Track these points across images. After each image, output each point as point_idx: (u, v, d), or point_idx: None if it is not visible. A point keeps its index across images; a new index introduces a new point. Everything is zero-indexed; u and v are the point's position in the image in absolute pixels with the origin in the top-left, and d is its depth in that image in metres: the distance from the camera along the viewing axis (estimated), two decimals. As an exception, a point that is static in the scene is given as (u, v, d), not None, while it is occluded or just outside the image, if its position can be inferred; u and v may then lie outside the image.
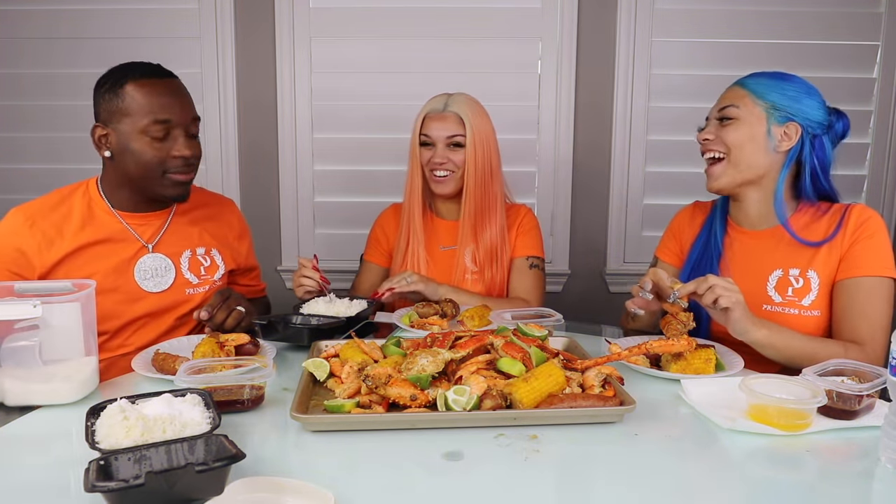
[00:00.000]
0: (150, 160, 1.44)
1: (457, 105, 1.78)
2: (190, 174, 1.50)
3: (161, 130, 1.43)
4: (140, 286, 1.51)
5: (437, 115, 1.78)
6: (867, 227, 1.41)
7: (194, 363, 1.15)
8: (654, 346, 1.23)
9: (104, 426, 0.91)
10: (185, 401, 0.98)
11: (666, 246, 1.70)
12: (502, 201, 1.85)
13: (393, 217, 1.95)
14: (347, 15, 2.41)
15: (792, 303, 1.44)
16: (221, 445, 0.86)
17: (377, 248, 1.95)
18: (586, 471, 0.94)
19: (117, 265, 1.49)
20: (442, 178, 1.80)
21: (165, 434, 0.90)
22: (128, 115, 1.42)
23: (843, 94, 2.39)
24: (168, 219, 1.58)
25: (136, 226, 1.53)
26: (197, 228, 1.62)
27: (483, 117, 1.80)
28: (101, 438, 0.89)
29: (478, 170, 1.78)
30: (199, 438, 0.88)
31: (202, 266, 1.60)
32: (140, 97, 1.42)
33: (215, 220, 1.68)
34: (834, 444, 1.00)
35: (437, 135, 1.77)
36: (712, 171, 1.50)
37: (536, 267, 1.85)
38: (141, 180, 1.47)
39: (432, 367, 1.09)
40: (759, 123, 1.44)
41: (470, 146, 1.76)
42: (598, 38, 2.42)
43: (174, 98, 1.45)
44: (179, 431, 0.91)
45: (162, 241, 1.55)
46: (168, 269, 1.54)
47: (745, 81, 1.48)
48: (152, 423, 0.91)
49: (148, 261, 1.52)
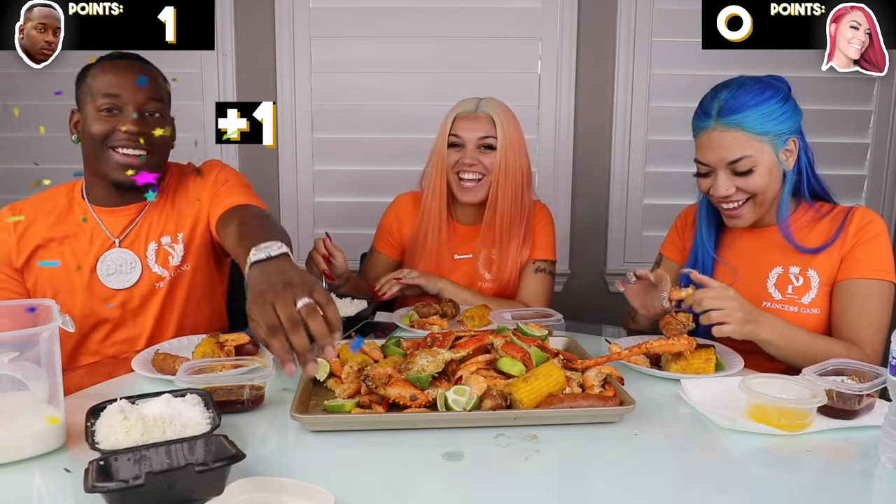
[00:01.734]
0: (95, 133, 1.42)
1: (489, 107, 1.74)
2: (133, 154, 1.42)
3: (108, 103, 1.42)
4: (103, 283, 1.48)
5: (470, 116, 1.73)
6: (869, 229, 1.41)
7: (194, 363, 1.15)
8: (654, 346, 1.23)
9: (104, 426, 0.91)
10: (185, 401, 0.98)
11: (672, 242, 1.70)
12: (531, 212, 1.79)
13: (410, 207, 1.88)
14: (347, 15, 2.41)
15: (792, 300, 1.44)
16: (221, 446, 0.86)
17: (388, 238, 1.89)
18: (586, 471, 0.94)
19: (82, 260, 1.49)
20: (470, 182, 1.73)
21: (165, 434, 0.90)
22: (88, 96, 1.44)
23: (843, 95, 2.40)
24: (141, 213, 1.53)
25: (106, 220, 1.51)
26: (164, 215, 1.53)
27: (514, 122, 1.76)
28: (101, 439, 0.89)
29: (508, 175, 1.72)
30: (198, 439, 0.87)
31: (170, 256, 1.52)
32: (97, 76, 1.43)
33: (181, 194, 1.55)
34: (834, 444, 1.00)
35: (469, 136, 1.72)
36: (739, 213, 1.45)
37: (543, 271, 1.80)
38: (92, 161, 1.46)
39: (432, 367, 1.09)
40: (770, 156, 1.40)
41: (501, 149, 1.71)
42: (598, 39, 2.42)
43: (127, 75, 1.43)
44: (179, 432, 0.91)
45: (129, 236, 1.51)
46: (134, 265, 1.49)
47: (739, 121, 1.38)
48: (152, 423, 0.91)
49: (113, 255, 1.49)
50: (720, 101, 1.40)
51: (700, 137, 1.45)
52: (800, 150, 1.44)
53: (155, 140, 1.45)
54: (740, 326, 1.24)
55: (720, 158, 1.40)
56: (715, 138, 1.40)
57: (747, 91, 1.40)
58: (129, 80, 1.43)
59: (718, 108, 1.40)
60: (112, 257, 1.49)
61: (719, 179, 1.42)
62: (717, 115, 1.40)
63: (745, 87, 1.41)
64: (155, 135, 1.44)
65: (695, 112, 1.47)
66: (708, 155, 1.42)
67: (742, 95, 1.39)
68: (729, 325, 1.24)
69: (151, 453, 0.85)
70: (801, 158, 1.44)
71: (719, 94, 1.42)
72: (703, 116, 1.43)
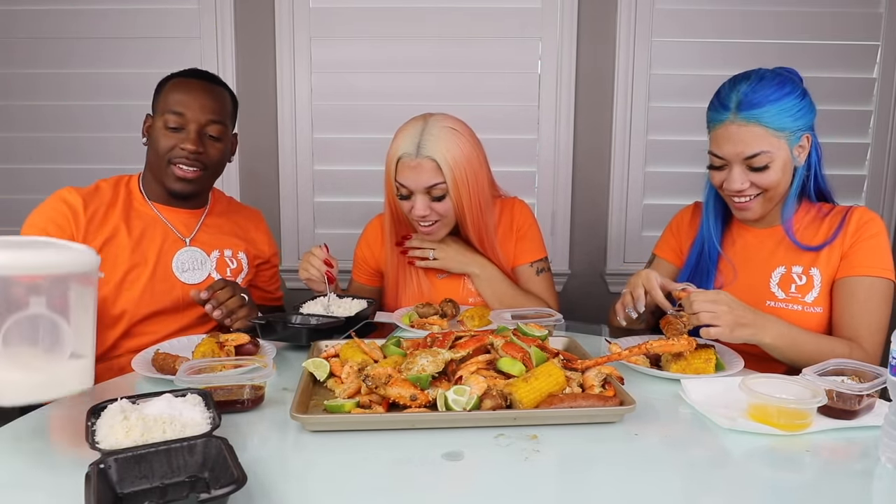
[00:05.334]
0: (161, 147, 1.55)
1: (430, 146, 1.55)
2: (190, 171, 1.56)
3: (175, 121, 1.54)
4: (177, 276, 1.58)
5: (412, 163, 1.56)
6: (868, 228, 1.42)
7: (194, 363, 1.15)
8: (654, 346, 1.23)
9: (104, 426, 0.91)
10: (186, 401, 0.99)
11: (666, 243, 1.69)
12: (494, 223, 1.71)
13: (380, 233, 1.80)
14: (347, 15, 2.41)
15: (795, 299, 1.44)
16: (220, 452, 0.86)
17: (364, 268, 1.85)
18: (586, 471, 0.94)
19: (157, 254, 1.57)
20: (429, 228, 1.65)
21: (165, 434, 0.90)
22: (161, 107, 1.57)
23: (843, 94, 2.40)
24: (201, 218, 1.67)
25: (172, 219, 1.62)
26: (227, 231, 1.71)
27: (462, 151, 1.57)
28: (101, 438, 0.89)
29: (468, 212, 1.61)
30: (198, 440, 0.88)
31: (228, 268, 1.67)
32: (171, 91, 1.57)
33: (243, 223, 1.77)
34: (834, 444, 1.00)
35: (415, 185, 1.58)
36: (749, 206, 1.44)
37: (543, 270, 1.79)
38: (155, 167, 1.58)
39: (432, 367, 1.09)
40: (785, 152, 1.39)
41: (454, 194, 1.58)
42: (598, 39, 2.42)
43: (195, 96, 1.56)
44: (180, 431, 0.91)
45: (197, 237, 1.64)
46: (203, 263, 1.63)
47: (758, 116, 1.35)
48: (152, 423, 0.91)
49: (186, 253, 1.61)
50: (739, 94, 1.37)
51: (716, 130, 1.41)
52: (811, 147, 1.44)
53: (210, 159, 1.59)
54: (730, 330, 1.24)
55: (737, 153, 1.38)
56: (732, 132, 1.38)
57: (767, 85, 1.37)
58: (197, 99, 1.56)
59: (737, 102, 1.37)
60: (185, 254, 1.61)
61: (734, 174, 1.40)
62: (735, 109, 1.37)
63: (764, 80, 1.38)
64: (210, 155, 1.58)
65: (710, 103, 1.45)
66: (724, 148, 1.40)
67: (762, 89, 1.36)
68: (717, 327, 1.24)
69: (151, 455, 0.85)
70: (811, 155, 1.44)
71: (738, 86, 1.39)
72: (721, 108, 1.40)
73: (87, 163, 2.45)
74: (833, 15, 2.38)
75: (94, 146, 2.45)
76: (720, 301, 1.26)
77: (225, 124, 1.61)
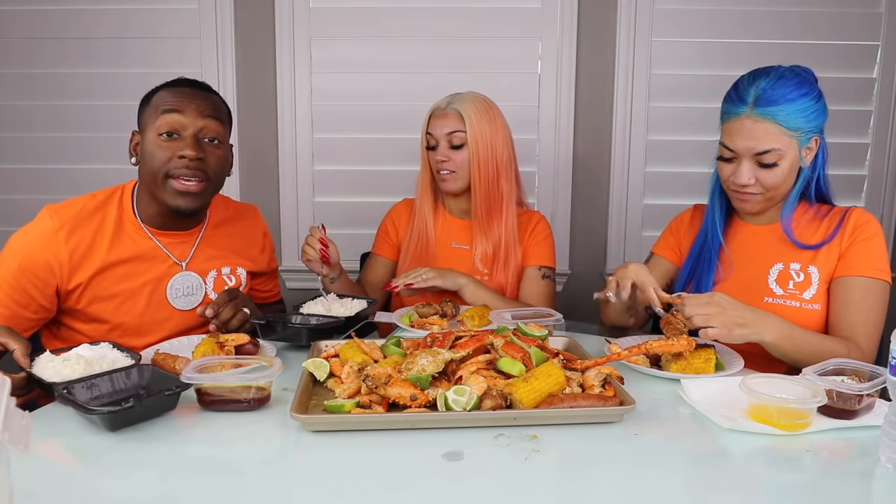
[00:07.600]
0: (156, 161, 1.41)
1: (459, 103, 1.77)
2: (192, 183, 1.42)
3: (169, 125, 1.41)
4: (172, 304, 1.50)
5: (440, 113, 1.78)
6: (865, 229, 1.43)
7: (198, 362, 1.15)
8: (654, 346, 1.23)
9: (47, 368, 1.10)
10: (102, 346, 1.21)
11: (665, 242, 1.70)
12: (511, 201, 1.82)
13: (405, 211, 1.95)
14: (347, 15, 2.41)
15: (793, 296, 1.44)
16: (155, 371, 1.14)
17: (386, 240, 1.95)
18: (586, 471, 0.94)
19: (149, 284, 1.48)
20: (446, 176, 1.79)
21: (103, 368, 1.12)
22: (150, 119, 1.44)
23: (843, 94, 2.39)
24: (198, 238, 1.57)
25: (167, 244, 1.51)
26: (223, 247, 1.61)
27: (487, 115, 1.77)
28: (51, 377, 1.08)
29: (482, 169, 1.76)
30: (132, 368, 1.13)
31: (226, 286, 1.58)
32: (161, 97, 1.44)
33: (240, 236, 1.67)
34: (834, 444, 1.00)
35: (439, 133, 1.77)
36: (750, 199, 1.44)
37: (548, 277, 1.84)
38: (151, 186, 1.44)
39: (432, 367, 1.09)
40: (794, 151, 1.40)
41: (472, 144, 1.75)
42: (598, 39, 2.42)
43: (189, 98, 1.44)
44: (111, 366, 1.14)
45: (193, 260, 1.55)
46: (198, 288, 1.55)
47: (774, 113, 1.36)
48: (90, 360, 1.13)
49: (180, 279, 1.52)
50: (758, 90, 1.38)
51: (730, 122, 1.42)
52: (818, 149, 1.44)
53: (211, 168, 1.45)
54: (728, 330, 1.24)
55: (749, 147, 1.39)
56: (747, 126, 1.38)
57: (786, 83, 1.38)
58: (191, 101, 1.44)
59: (756, 97, 1.37)
60: (179, 281, 1.52)
61: (742, 167, 1.41)
62: (752, 103, 1.37)
63: (784, 78, 1.39)
64: (211, 163, 1.45)
65: (727, 95, 1.45)
66: (736, 141, 1.40)
67: (781, 87, 1.37)
68: (714, 328, 1.24)
69: (100, 381, 1.08)
70: (817, 157, 1.45)
71: (757, 81, 1.39)
72: (738, 101, 1.40)
73: (86, 163, 2.45)
74: (833, 15, 2.38)
75: (93, 146, 2.45)
76: (712, 303, 1.26)
77: (223, 123, 1.49)
